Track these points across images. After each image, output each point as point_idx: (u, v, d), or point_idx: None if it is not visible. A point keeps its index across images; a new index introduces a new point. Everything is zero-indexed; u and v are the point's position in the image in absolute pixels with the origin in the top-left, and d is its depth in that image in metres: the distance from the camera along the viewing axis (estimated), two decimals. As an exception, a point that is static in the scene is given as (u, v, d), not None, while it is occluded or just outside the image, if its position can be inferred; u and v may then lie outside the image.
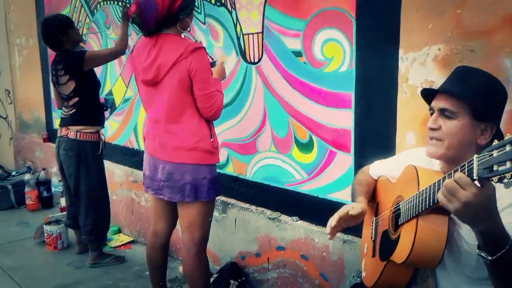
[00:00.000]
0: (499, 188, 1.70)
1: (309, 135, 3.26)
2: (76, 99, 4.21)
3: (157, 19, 2.97)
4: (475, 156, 1.41)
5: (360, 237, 2.48)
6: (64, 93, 4.25)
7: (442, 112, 1.83)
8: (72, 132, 4.22)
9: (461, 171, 1.48)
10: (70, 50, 4.26)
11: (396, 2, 2.68)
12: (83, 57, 4.12)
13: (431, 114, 1.90)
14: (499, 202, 1.66)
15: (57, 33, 4.18)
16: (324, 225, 3.19)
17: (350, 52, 2.95)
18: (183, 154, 3.04)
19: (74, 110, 4.24)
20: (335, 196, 3.17)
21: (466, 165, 1.46)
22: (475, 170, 1.40)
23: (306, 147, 3.30)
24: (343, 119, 3.05)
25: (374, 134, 2.90)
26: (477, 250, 1.59)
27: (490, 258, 1.55)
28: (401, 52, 2.70)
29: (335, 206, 3.11)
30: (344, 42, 2.97)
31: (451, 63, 2.46)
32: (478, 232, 1.56)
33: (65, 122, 4.30)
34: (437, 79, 2.54)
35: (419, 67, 2.62)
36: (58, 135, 4.36)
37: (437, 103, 1.86)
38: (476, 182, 1.45)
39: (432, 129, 1.85)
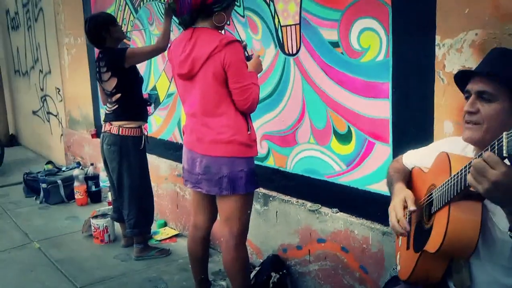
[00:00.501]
0: None
1: (348, 126, 3.23)
2: (119, 95, 4.28)
3: (192, 7, 3.01)
4: (505, 133, 1.37)
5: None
6: (107, 89, 4.32)
7: (480, 95, 1.78)
8: (114, 127, 4.29)
9: (490, 150, 1.45)
10: (112, 47, 4.33)
11: (431, -12, 2.63)
12: (124, 54, 4.18)
13: (467, 97, 1.86)
14: None
15: (99, 31, 4.26)
16: (364, 216, 3.22)
17: (387, 41, 2.91)
18: (219, 147, 3.06)
19: (116, 106, 4.32)
20: (374, 188, 3.14)
21: (496, 143, 1.42)
22: (505, 148, 1.36)
23: (344, 138, 3.27)
24: (381, 109, 3.01)
25: (412, 124, 2.85)
26: (509, 232, 1.56)
27: None
28: (437, 38, 2.64)
29: (374, 197, 3.12)
30: (380, 31, 2.93)
31: (489, 48, 2.36)
32: (509, 213, 1.52)
33: (108, 118, 4.38)
34: (475, 66, 2.44)
35: (456, 53, 2.56)
36: (102, 130, 4.45)
37: (474, 86, 1.81)
38: (506, 161, 1.42)
39: (470, 112, 1.80)
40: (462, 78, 1.94)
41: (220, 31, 3.17)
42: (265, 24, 3.74)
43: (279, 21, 3.61)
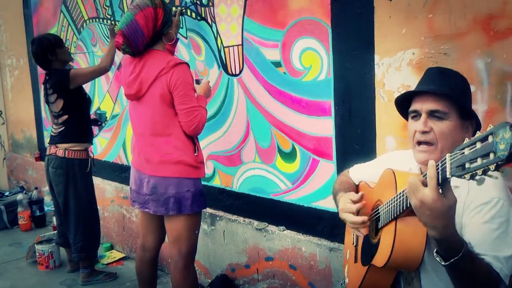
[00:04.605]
0: (473, 188, 1.72)
1: (292, 145, 3.26)
2: (65, 117, 4.23)
3: (145, 42, 3.05)
4: (448, 155, 1.41)
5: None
6: (54, 111, 4.28)
7: (432, 114, 1.82)
8: (60, 150, 4.23)
9: (435, 170, 1.49)
10: (58, 69, 4.28)
11: (369, 9, 2.70)
12: (68, 76, 4.14)
13: (413, 117, 1.89)
14: (474, 202, 1.72)
15: (45, 53, 4.21)
16: (311, 233, 3.25)
17: (328, 60, 2.97)
18: (166, 168, 3.07)
19: (63, 128, 4.26)
20: (319, 204, 3.17)
21: (440, 164, 1.46)
22: (448, 169, 1.40)
23: (289, 156, 3.31)
24: (324, 127, 3.05)
25: (355, 141, 2.91)
26: (434, 253, 1.61)
27: (443, 263, 1.58)
28: (376, 58, 2.71)
29: (320, 214, 3.16)
30: (321, 51, 2.99)
31: (426, 66, 2.43)
32: (432, 237, 1.58)
33: (54, 140, 4.31)
34: (413, 83, 2.52)
35: (395, 72, 2.64)
36: (47, 153, 4.37)
37: (425, 105, 1.83)
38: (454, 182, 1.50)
39: (423, 132, 1.83)
40: (402, 100, 1.98)
41: (173, 46, 3.31)
42: (207, 45, 3.77)
43: (221, 42, 3.63)
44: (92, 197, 4.47)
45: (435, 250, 1.62)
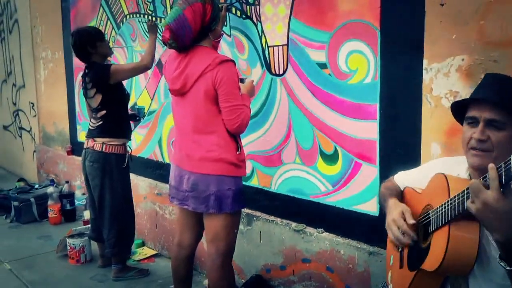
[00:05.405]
0: None
1: (334, 147, 3.26)
2: (104, 111, 4.23)
3: (193, 37, 3.06)
4: None
5: (386, 248, 2.45)
6: (93, 105, 4.28)
7: (489, 122, 1.79)
8: (98, 144, 4.24)
9: (498, 172, 1.48)
10: (98, 63, 4.28)
11: (420, 13, 2.68)
12: (108, 71, 4.14)
13: (470, 123, 1.87)
14: None
15: (85, 45, 4.21)
16: (350, 236, 3.23)
17: (375, 64, 2.96)
18: (208, 165, 3.06)
19: (101, 122, 4.26)
20: (360, 208, 3.16)
21: (503, 165, 1.46)
22: None
23: (331, 158, 3.30)
24: (368, 131, 3.04)
25: (399, 145, 2.89)
26: (498, 259, 1.59)
27: (508, 268, 1.57)
28: (425, 63, 2.70)
29: (361, 217, 3.15)
30: (369, 54, 2.98)
31: (475, 73, 2.46)
32: (496, 241, 1.57)
33: (91, 134, 4.32)
34: (462, 90, 2.53)
35: (443, 77, 2.62)
36: (85, 146, 4.38)
37: (483, 114, 1.81)
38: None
39: (480, 140, 1.81)
40: (459, 104, 1.96)
41: (217, 43, 3.34)
42: (251, 44, 3.77)
43: (266, 41, 3.64)
44: (128, 193, 4.46)
45: (498, 255, 1.61)
